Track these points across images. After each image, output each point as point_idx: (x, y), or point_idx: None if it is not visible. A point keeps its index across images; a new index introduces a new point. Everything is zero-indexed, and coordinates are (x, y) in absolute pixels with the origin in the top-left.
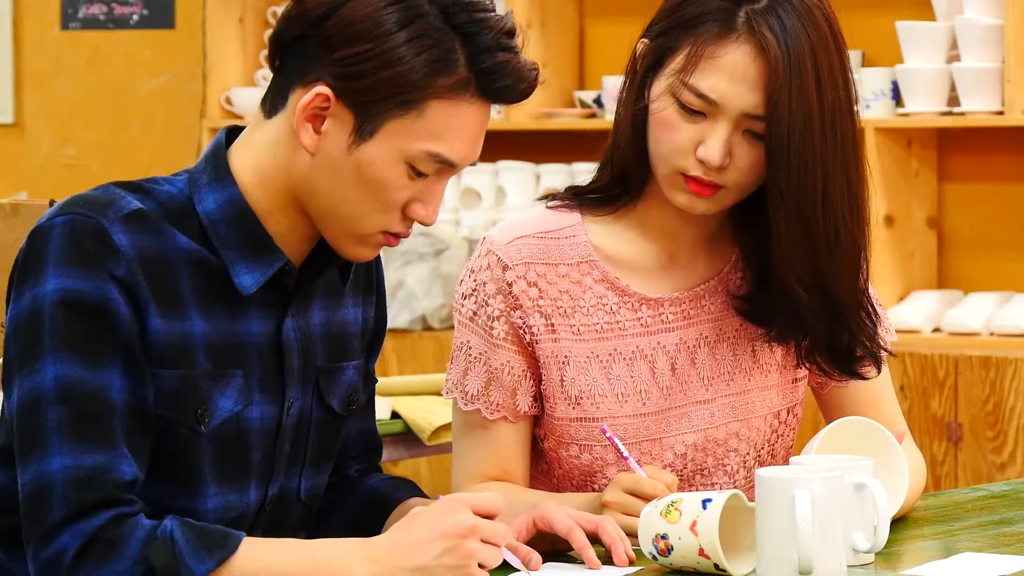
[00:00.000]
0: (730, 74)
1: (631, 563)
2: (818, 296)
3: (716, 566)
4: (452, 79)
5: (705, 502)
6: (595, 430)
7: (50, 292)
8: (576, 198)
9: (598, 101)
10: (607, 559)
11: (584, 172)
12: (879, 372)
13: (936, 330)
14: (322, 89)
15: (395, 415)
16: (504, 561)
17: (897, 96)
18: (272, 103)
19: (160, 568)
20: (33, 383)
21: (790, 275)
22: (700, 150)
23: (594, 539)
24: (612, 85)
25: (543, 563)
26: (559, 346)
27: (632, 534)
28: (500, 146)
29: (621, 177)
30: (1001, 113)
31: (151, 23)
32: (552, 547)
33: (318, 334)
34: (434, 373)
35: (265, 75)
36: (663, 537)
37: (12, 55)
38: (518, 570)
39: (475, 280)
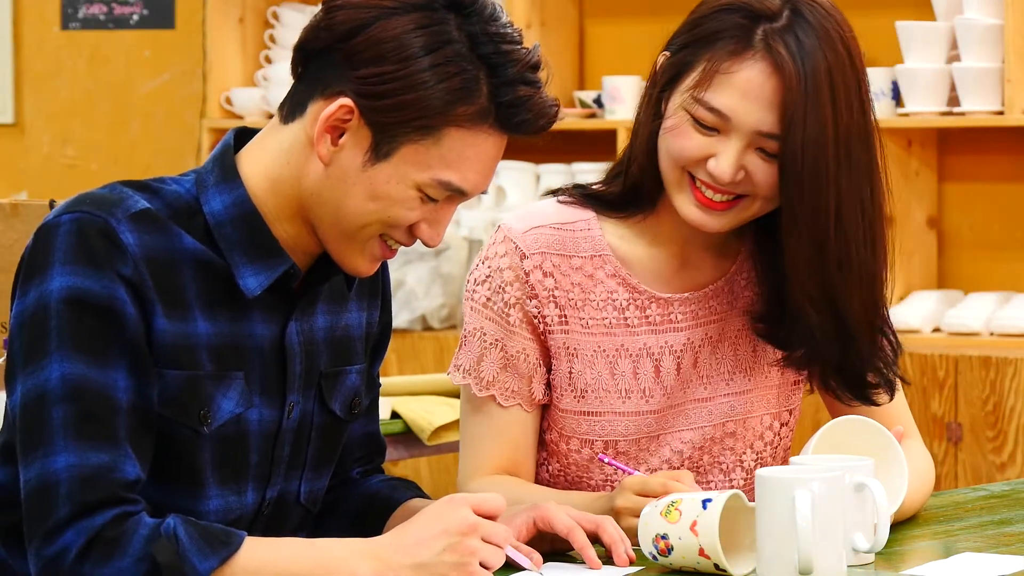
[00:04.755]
0: (744, 91)
1: (631, 563)
2: (828, 316)
3: (716, 566)
4: (472, 108)
5: (705, 502)
6: (597, 425)
7: (56, 290)
8: (588, 199)
9: (598, 101)
10: (607, 559)
11: (584, 172)
12: (891, 399)
13: (936, 330)
14: (346, 101)
15: (395, 415)
16: (506, 563)
17: (897, 96)
18: (290, 109)
19: (164, 565)
20: (38, 381)
21: (801, 294)
22: (711, 163)
23: (594, 539)
24: (612, 85)
25: (543, 563)
26: (569, 338)
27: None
28: None
29: (635, 189)
30: (1001, 113)
31: (151, 23)
32: (552, 547)
33: (322, 338)
34: (434, 373)
35: (265, 75)
36: (663, 537)
37: (12, 55)
38: (521, 570)
39: (490, 267)
